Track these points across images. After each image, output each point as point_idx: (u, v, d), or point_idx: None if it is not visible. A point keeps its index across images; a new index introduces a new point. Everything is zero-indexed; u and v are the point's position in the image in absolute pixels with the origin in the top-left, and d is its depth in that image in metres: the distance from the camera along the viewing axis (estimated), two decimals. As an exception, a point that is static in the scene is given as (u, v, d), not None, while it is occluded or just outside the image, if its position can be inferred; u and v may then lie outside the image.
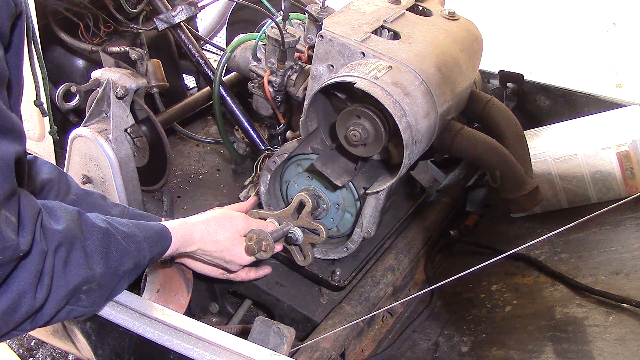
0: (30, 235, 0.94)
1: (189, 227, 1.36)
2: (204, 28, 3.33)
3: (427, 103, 1.36)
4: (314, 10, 1.71)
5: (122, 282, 1.17)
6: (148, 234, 1.22)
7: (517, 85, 2.16)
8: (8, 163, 0.89)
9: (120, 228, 1.16)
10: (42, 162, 1.37)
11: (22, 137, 0.94)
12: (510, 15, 4.27)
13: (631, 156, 1.76)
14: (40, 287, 0.97)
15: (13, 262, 0.91)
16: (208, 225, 1.39)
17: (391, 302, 1.66)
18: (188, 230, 1.35)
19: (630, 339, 1.30)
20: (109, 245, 1.10)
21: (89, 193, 1.43)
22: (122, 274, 1.15)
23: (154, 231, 1.25)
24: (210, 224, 1.39)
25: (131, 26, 2.04)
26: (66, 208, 1.08)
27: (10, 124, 0.90)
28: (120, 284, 1.17)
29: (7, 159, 0.88)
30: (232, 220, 1.43)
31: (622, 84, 3.93)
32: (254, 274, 1.59)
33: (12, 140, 0.90)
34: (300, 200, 1.50)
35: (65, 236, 1.01)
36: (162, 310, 1.24)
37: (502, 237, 1.85)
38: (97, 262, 1.07)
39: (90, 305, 1.10)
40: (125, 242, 1.14)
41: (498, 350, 1.43)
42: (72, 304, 1.06)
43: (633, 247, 1.56)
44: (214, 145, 2.37)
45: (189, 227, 1.36)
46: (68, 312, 1.06)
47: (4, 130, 0.89)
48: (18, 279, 0.94)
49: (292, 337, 1.24)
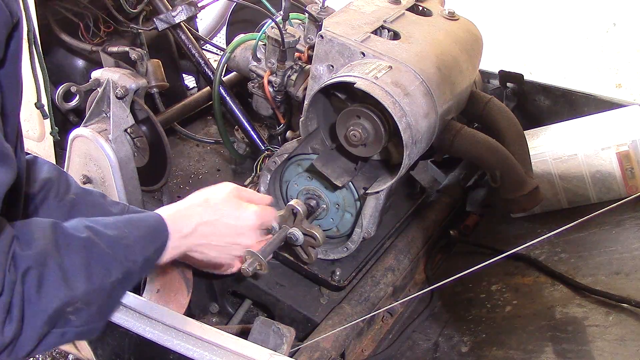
0: (1, 272, 0.85)
1: (187, 211, 1.23)
2: (204, 28, 3.33)
3: (427, 103, 1.36)
4: (314, 10, 1.71)
5: (114, 294, 1.05)
6: (140, 233, 1.10)
7: (517, 85, 2.16)
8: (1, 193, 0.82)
9: (106, 232, 1.04)
10: (42, 162, 1.33)
11: (13, 163, 0.87)
12: (510, 15, 4.26)
13: (631, 156, 1.76)
14: (8, 321, 0.87)
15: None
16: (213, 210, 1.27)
17: (391, 302, 1.66)
18: (186, 214, 1.23)
19: (630, 339, 1.30)
20: (90, 257, 0.99)
21: (89, 192, 1.38)
22: (111, 286, 1.02)
23: (147, 226, 1.13)
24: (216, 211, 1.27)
25: (131, 26, 2.04)
26: (39, 224, 0.97)
27: (1, 150, 0.83)
28: (114, 297, 1.05)
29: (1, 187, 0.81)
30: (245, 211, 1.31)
31: (622, 84, 3.93)
32: None
33: (4, 168, 0.83)
34: (291, 209, 1.47)
35: (35, 259, 0.91)
36: (162, 310, 1.24)
37: (502, 237, 1.85)
38: (77, 280, 0.96)
39: (84, 323, 0.99)
40: (110, 250, 1.02)
41: (498, 350, 1.43)
42: (60, 326, 0.96)
43: (633, 247, 1.56)
44: (214, 145, 2.36)
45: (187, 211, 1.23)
46: (61, 336, 0.97)
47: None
48: None
49: (292, 337, 1.24)
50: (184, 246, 1.22)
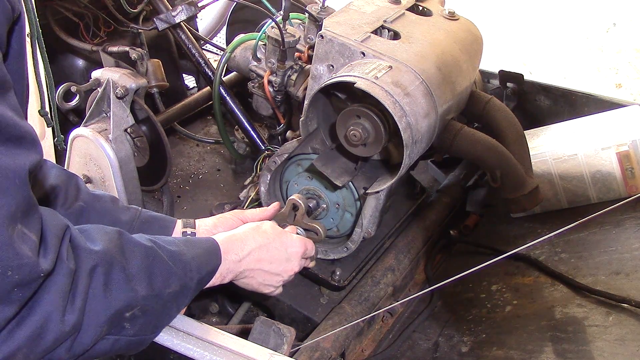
0: (53, 254, 0.86)
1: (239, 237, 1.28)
2: (204, 28, 3.33)
3: (427, 103, 1.36)
4: (314, 10, 1.71)
5: (169, 306, 1.07)
6: (197, 252, 1.14)
7: (517, 85, 2.16)
8: (20, 174, 0.81)
9: (166, 247, 1.07)
10: (50, 166, 1.30)
11: (36, 144, 0.87)
12: (510, 15, 4.26)
13: (631, 156, 1.76)
14: (70, 310, 0.88)
15: (34, 283, 0.83)
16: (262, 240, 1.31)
17: (391, 302, 1.66)
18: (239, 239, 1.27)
19: (630, 339, 1.30)
20: (153, 265, 1.02)
21: (98, 197, 1.34)
22: (168, 297, 1.05)
23: (203, 248, 1.17)
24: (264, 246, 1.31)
25: (131, 26, 2.04)
26: (105, 229, 1.01)
27: (20, 131, 0.83)
28: (168, 309, 1.07)
29: (19, 170, 0.81)
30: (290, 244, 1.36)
31: (622, 84, 3.93)
32: None
33: (25, 149, 0.83)
34: (292, 204, 1.49)
35: (102, 257, 0.94)
36: (162, 310, 1.24)
37: (502, 237, 1.85)
38: (139, 284, 0.98)
39: (136, 334, 1.01)
40: (171, 262, 1.05)
41: (498, 350, 1.43)
42: (115, 333, 0.98)
43: (633, 247, 1.56)
44: (214, 145, 2.37)
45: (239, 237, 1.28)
46: (113, 343, 0.98)
47: (12, 139, 0.81)
48: (41, 301, 0.85)
49: (292, 337, 1.24)
50: (236, 270, 1.25)
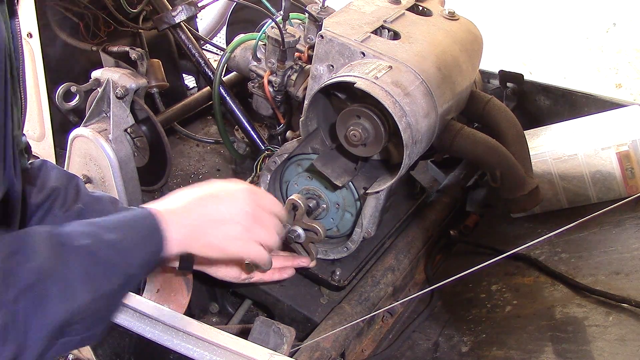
0: None
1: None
2: (204, 28, 3.34)
3: (427, 103, 1.36)
4: (314, 10, 1.71)
5: (115, 299, 1.03)
6: (139, 234, 1.05)
7: (517, 85, 2.16)
8: None
9: (106, 237, 1.00)
10: (51, 168, 1.28)
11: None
12: (510, 15, 4.27)
13: (631, 156, 1.76)
14: (3, 344, 0.84)
15: None
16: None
17: (391, 302, 1.66)
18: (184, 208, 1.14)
19: (630, 339, 1.30)
20: (91, 266, 0.96)
21: (98, 199, 1.32)
22: (112, 293, 1.00)
23: (142, 226, 1.07)
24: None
25: (131, 26, 2.04)
26: (36, 235, 0.93)
27: None
28: (115, 302, 1.03)
29: None
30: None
31: (622, 84, 3.94)
32: (277, 274, 1.52)
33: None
34: (292, 204, 1.49)
35: (36, 273, 0.88)
36: (162, 310, 1.24)
37: (502, 237, 1.85)
38: (79, 292, 0.93)
39: (86, 330, 0.97)
40: (111, 256, 0.99)
41: (498, 350, 1.43)
42: (65, 336, 0.94)
43: (633, 247, 1.56)
44: (214, 145, 2.37)
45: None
46: (64, 346, 0.94)
47: None
48: None
49: (292, 337, 1.24)
50: (184, 232, 1.11)
